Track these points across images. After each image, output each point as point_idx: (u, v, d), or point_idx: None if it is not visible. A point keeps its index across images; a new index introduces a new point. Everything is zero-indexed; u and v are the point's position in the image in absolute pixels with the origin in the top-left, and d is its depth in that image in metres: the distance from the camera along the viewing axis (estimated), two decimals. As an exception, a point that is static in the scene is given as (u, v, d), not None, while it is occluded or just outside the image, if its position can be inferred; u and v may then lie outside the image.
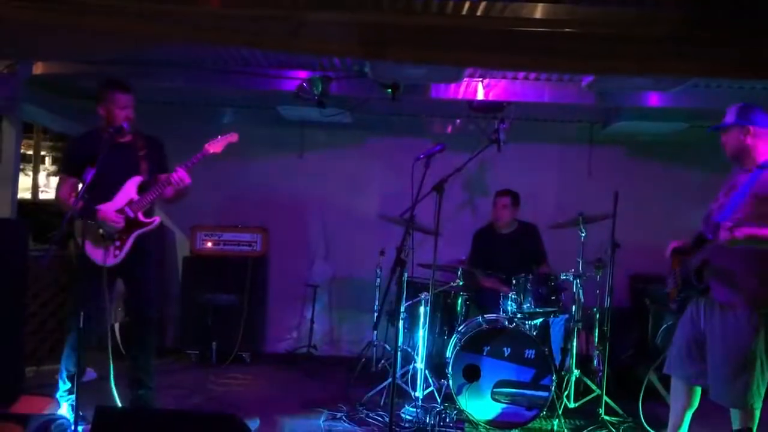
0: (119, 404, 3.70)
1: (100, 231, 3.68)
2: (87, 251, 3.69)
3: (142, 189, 3.85)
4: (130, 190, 3.82)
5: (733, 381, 3.20)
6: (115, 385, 3.73)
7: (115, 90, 3.80)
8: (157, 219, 3.90)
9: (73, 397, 3.75)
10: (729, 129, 3.32)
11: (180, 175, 3.77)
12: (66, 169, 3.90)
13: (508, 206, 5.35)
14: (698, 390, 3.48)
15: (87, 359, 3.95)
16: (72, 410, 3.67)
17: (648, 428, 4.07)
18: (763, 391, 3.22)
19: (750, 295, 3.18)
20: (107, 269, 3.67)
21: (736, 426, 3.26)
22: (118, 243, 3.76)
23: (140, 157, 3.88)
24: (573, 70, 4.27)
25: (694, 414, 3.56)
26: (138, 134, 3.92)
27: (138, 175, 3.86)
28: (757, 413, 3.23)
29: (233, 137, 3.99)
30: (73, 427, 3.20)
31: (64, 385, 3.80)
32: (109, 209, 3.73)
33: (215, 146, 3.93)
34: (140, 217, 3.81)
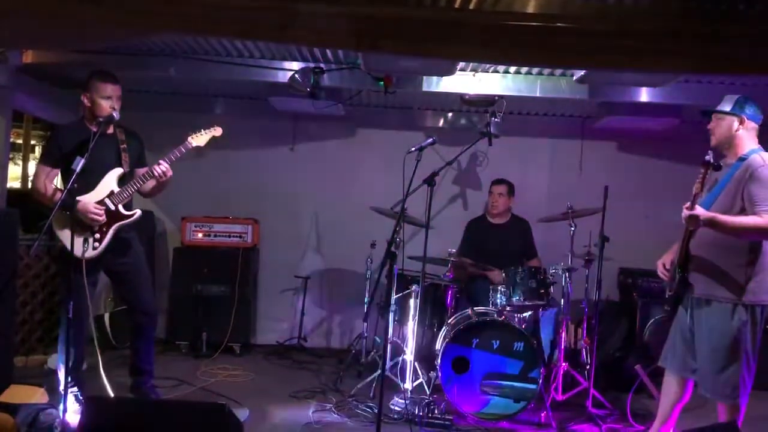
0: (111, 393, 3.70)
1: (80, 222, 3.64)
2: (65, 244, 3.64)
3: (122, 181, 3.83)
4: (110, 181, 3.80)
5: (718, 374, 3.23)
6: (106, 374, 3.73)
7: (99, 79, 3.77)
8: (137, 212, 3.88)
9: (75, 388, 3.74)
10: (724, 116, 3.34)
11: (163, 169, 3.76)
12: (46, 160, 3.83)
13: (504, 194, 5.39)
14: (690, 384, 3.51)
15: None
16: (75, 401, 3.67)
17: (632, 422, 4.11)
18: (749, 385, 3.26)
19: (732, 287, 3.21)
20: (88, 262, 3.64)
21: (721, 419, 3.30)
22: (97, 236, 3.74)
23: (122, 149, 3.86)
24: (565, 64, 4.28)
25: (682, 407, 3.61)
26: (119, 126, 3.90)
27: (119, 167, 3.84)
28: (743, 407, 3.27)
29: (217, 131, 3.97)
30: (61, 417, 3.20)
31: (64, 378, 3.75)
32: (90, 201, 3.70)
33: (198, 140, 3.91)
34: (120, 209, 3.80)
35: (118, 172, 3.82)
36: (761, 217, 3.06)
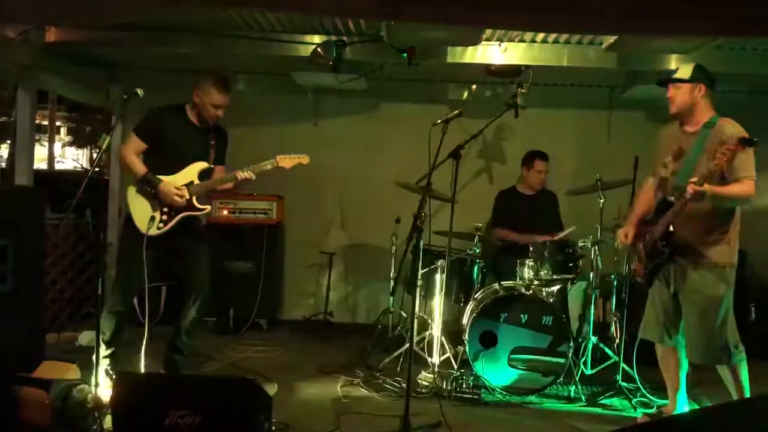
0: (143, 370, 3.73)
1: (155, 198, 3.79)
2: (133, 217, 3.77)
3: (203, 175, 3.92)
4: (193, 172, 3.90)
5: (711, 339, 3.34)
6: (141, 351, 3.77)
7: (215, 87, 3.83)
8: (208, 207, 3.97)
9: (107, 361, 3.80)
10: (683, 85, 3.39)
11: (249, 177, 3.89)
12: (138, 131, 3.89)
13: (546, 171, 5.32)
14: (683, 350, 3.57)
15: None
16: (106, 375, 3.72)
17: (650, 397, 4.10)
18: (740, 346, 3.37)
19: (719, 253, 3.33)
20: (149, 239, 3.73)
21: (729, 382, 3.38)
22: (164, 218, 3.82)
23: (211, 145, 3.96)
24: (598, 29, 4.16)
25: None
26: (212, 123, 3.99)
27: (205, 161, 3.93)
28: (743, 365, 3.37)
29: (305, 159, 4.08)
30: (94, 392, 3.24)
31: (101, 350, 3.76)
32: (170, 184, 3.80)
33: (286, 162, 4.03)
34: (194, 200, 3.88)
35: (202, 165, 3.93)
36: (745, 184, 3.19)
